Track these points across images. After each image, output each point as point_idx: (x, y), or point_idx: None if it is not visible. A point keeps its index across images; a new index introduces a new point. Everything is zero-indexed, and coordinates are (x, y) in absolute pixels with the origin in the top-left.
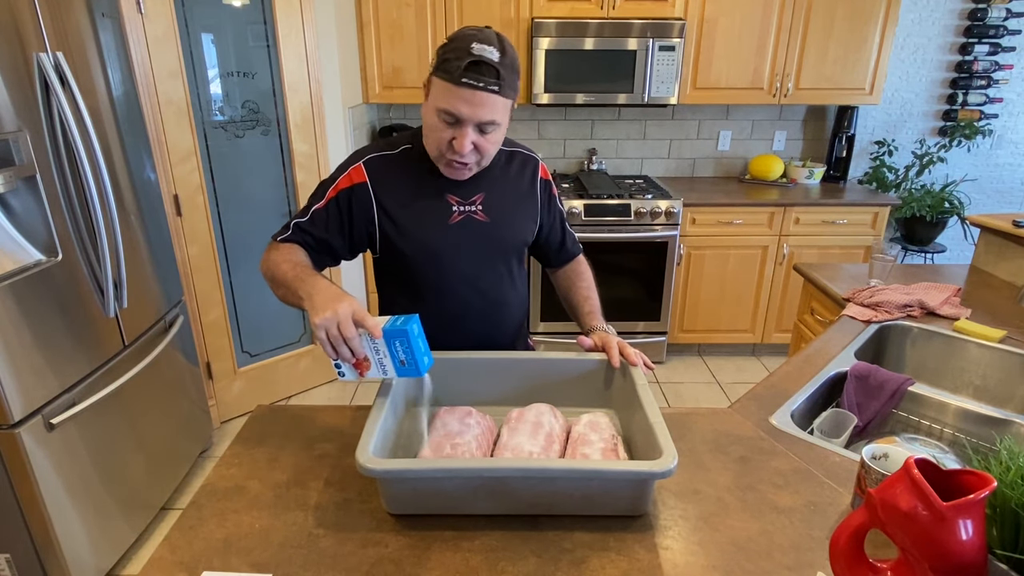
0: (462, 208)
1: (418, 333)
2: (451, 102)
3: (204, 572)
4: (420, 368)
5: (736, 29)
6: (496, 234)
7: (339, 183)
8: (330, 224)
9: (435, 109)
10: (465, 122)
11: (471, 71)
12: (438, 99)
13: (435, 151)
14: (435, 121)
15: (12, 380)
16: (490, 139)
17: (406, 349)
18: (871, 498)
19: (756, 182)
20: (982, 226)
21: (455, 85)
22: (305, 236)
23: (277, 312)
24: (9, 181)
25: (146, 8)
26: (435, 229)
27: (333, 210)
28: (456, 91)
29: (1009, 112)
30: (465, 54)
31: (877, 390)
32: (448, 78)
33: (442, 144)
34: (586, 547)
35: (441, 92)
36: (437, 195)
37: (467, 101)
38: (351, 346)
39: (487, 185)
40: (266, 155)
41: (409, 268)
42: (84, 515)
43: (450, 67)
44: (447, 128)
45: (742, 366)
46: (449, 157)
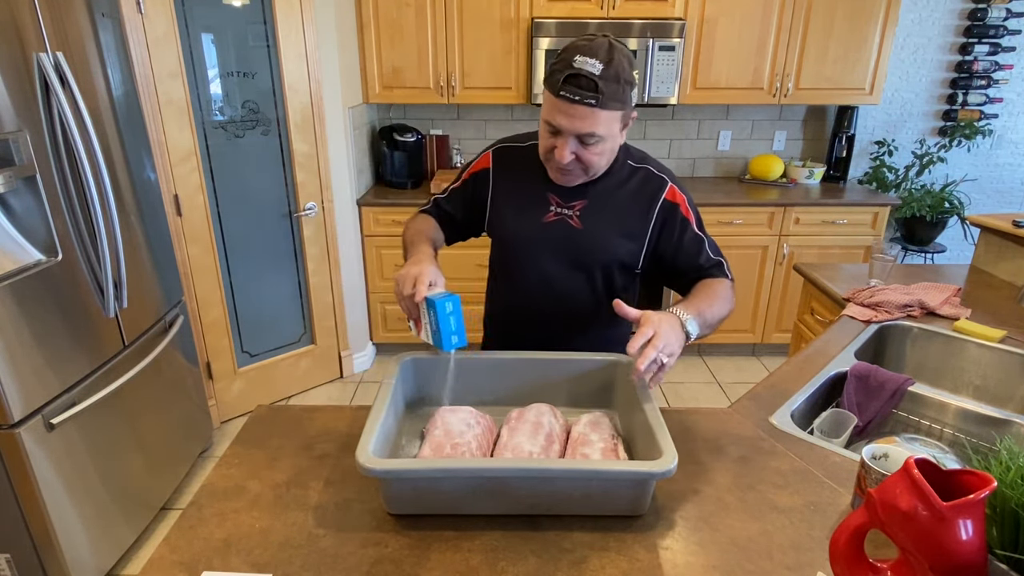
0: (559, 210)
1: (450, 311)
2: (551, 114)
3: (204, 572)
4: (444, 343)
5: (736, 29)
6: (585, 244)
7: (473, 166)
8: (459, 202)
9: (542, 119)
10: (565, 133)
11: (569, 84)
12: (544, 110)
13: (542, 156)
14: (542, 130)
15: (12, 380)
16: (593, 151)
17: (435, 321)
18: (871, 498)
19: (756, 182)
20: (982, 226)
21: (555, 97)
22: (438, 210)
23: (277, 312)
24: (9, 181)
25: (146, 8)
26: (527, 222)
27: (462, 190)
28: (556, 103)
29: (1009, 112)
30: (567, 67)
31: (877, 390)
32: (550, 90)
33: (546, 151)
34: (586, 547)
35: (546, 103)
36: (541, 191)
37: (565, 113)
38: (406, 303)
39: (593, 194)
40: (266, 155)
41: (501, 251)
42: (84, 515)
43: (552, 80)
44: (550, 137)
45: (742, 366)
46: (553, 165)
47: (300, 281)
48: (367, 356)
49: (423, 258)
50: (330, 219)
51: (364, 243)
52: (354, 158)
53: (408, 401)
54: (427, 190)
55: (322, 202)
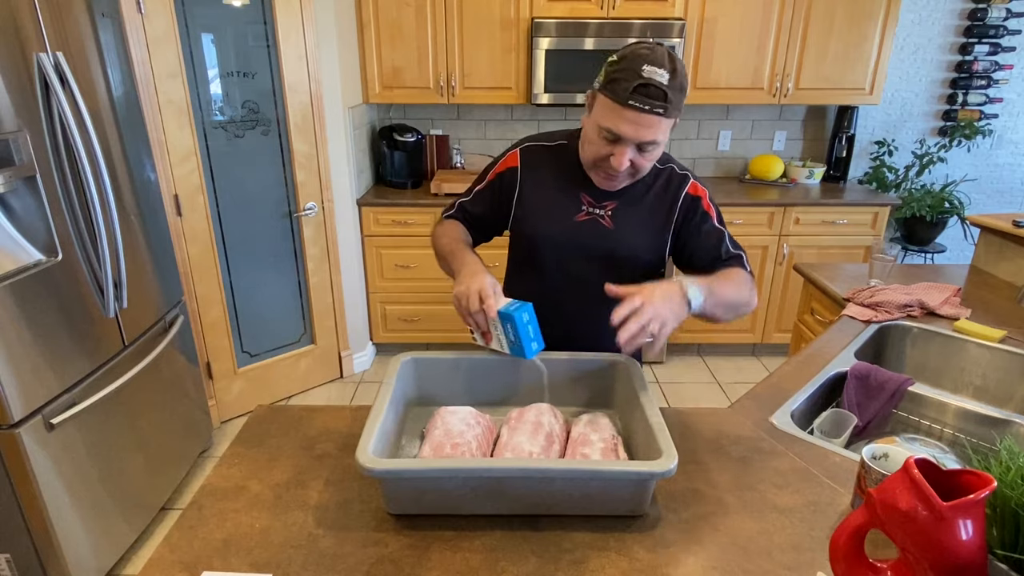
0: (591, 209)
1: (528, 320)
2: (615, 122)
3: (204, 572)
4: (526, 352)
5: (736, 29)
6: (616, 244)
7: (498, 166)
8: (485, 203)
9: (597, 125)
10: (626, 142)
11: (639, 94)
12: (602, 117)
13: (590, 162)
14: (595, 136)
15: (12, 380)
16: (647, 157)
17: (514, 332)
18: (871, 498)
19: (756, 182)
20: (982, 226)
21: (621, 106)
22: (465, 213)
23: (277, 312)
24: (9, 181)
25: (146, 8)
26: (558, 221)
27: (489, 191)
28: (621, 112)
29: (1009, 112)
30: (635, 76)
31: (877, 390)
32: (615, 98)
33: (598, 158)
34: (586, 547)
35: (606, 110)
36: (572, 190)
37: (632, 122)
38: (474, 319)
39: (624, 196)
40: (266, 155)
41: (529, 252)
42: (84, 515)
43: (618, 88)
44: (606, 144)
45: (742, 366)
46: (605, 171)
47: (300, 281)
48: (367, 356)
49: (477, 270)
50: (330, 219)
51: (364, 243)
52: (354, 158)
53: (408, 401)
54: (427, 190)
55: (322, 202)
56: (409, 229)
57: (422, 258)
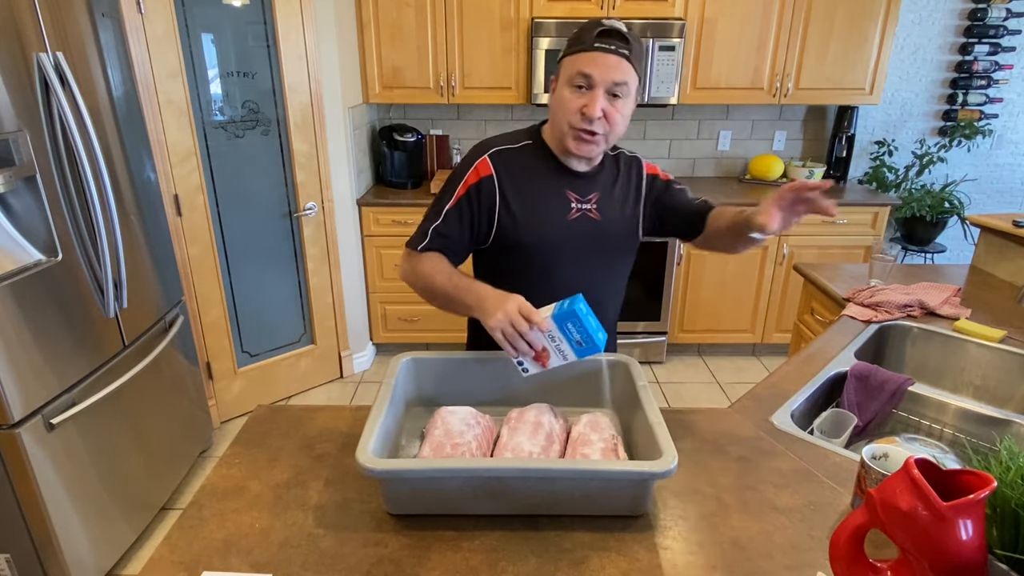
0: (580, 206)
1: (587, 311)
2: (584, 66)
3: (204, 572)
4: (598, 344)
5: (736, 29)
6: (605, 234)
7: (467, 179)
8: (463, 221)
9: (566, 81)
10: (597, 85)
11: (602, 37)
12: (570, 70)
13: (564, 125)
14: (566, 94)
15: (12, 380)
16: (619, 108)
17: (579, 329)
18: (871, 498)
19: (756, 182)
20: (982, 226)
21: (588, 51)
22: (443, 239)
23: (277, 312)
24: (9, 181)
25: (146, 8)
26: (554, 224)
27: (464, 207)
28: (589, 56)
29: (1009, 112)
30: (596, 26)
31: (877, 390)
32: (581, 48)
33: (572, 114)
34: (586, 547)
35: (571, 66)
36: (558, 191)
37: (600, 64)
38: (528, 339)
39: (601, 185)
40: (266, 155)
41: (521, 261)
42: (84, 515)
43: (583, 39)
44: (579, 96)
45: (742, 366)
46: (579, 127)
47: (300, 281)
48: (367, 356)
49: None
50: (330, 219)
51: (364, 243)
52: (354, 158)
53: (408, 401)
54: (427, 190)
55: (322, 202)
56: (409, 229)
57: None
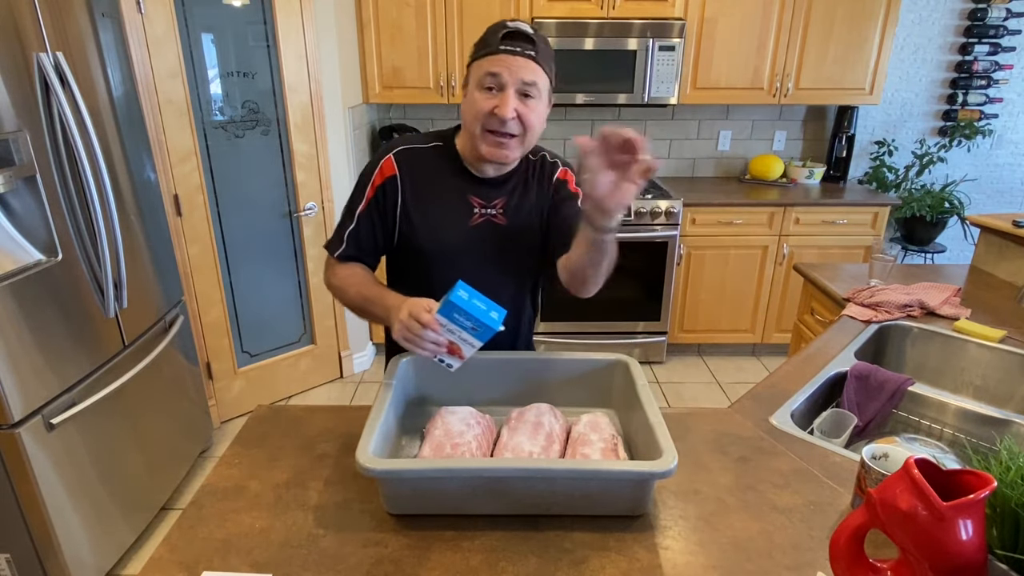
0: (483, 211)
1: (468, 297)
2: (492, 66)
3: (204, 572)
4: (491, 324)
5: (736, 29)
6: (512, 238)
7: (374, 179)
8: (373, 223)
9: (476, 84)
10: (507, 86)
11: (508, 39)
12: (478, 73)
13: (476, 128)
14: (478, 96)
15: (12, 380)
16: (532, 108)
17: (467, 316)
18: (871, 498)
19: (756, 182)
20: (982, 226)
21: (494, 54)
22: (358, 244)
23: (277, 312)
24: (9, 181)
25: (146, 8)
26: (454, 229)
27: (374, 208)
28: (497, 58)
29: (1009, 112)
30: (501, 28)
31: (877, 390)
32: (488, 51)
33: (483, 115)
34: (586, 547)
35: (479, 69)
36: (460, 195)
37: (507, 64)
38: (430, 339)
39: (510, 190)
40: (266, 155)
41: (422, 266)
42: (84, 515)
43: (488, 42)
44: (489, 98)
45: (742, 366)
46: (491, 130)
47: (300, 281)
48: (367, 356)
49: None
50: (330, 219)
51: None
52: (354, 158)
53: (408, 401)
54: None
55: (322, 202)
56: None
57: None
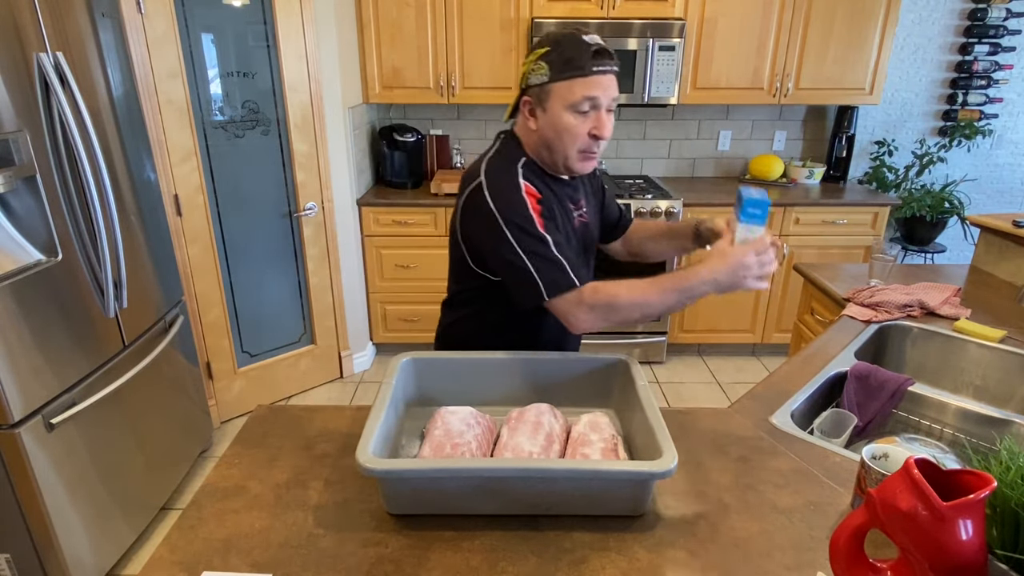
0: (578, 212)
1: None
2: (589, 89)
3: (204, 572)
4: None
5: (736, 29)
6: (592, 233)
7: (532, 207)
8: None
9: (568, 107)
10: (601, 106)
11: (598, 59)
12: (571, 95)
13: (571, 149)
14: (570, 120)
15: (12, 380)
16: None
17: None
18: (871, 498)
19: (756, 182)
20: (982, 226)
21: (587, 76)
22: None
23: (277, 312)
24: (9, 181)
25: (146, 8)
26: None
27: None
28: (592, 80)
29: (1009, 112)
30: (584, 47)
31: (877, 390)
32: (579, 74)
33: (580, 138)
34: (586, 547)
35: (572, 89)
36: (561, 202)
37: (603, 86)
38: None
39: (582, 188)
40: (266, 155)
41: None
42: (84, 515)
43: (578, 63)
44: (585, 120)
45: (742, 366)
46: (589, 150)
47: (300, 281)
48: (367, 356)
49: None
50: (330, 219)
51: (364, 243)
52: (354, 158)
53: (408, 401)
54: (427, 190)
55: (322, 202)
56: (409, 229)
57: (422, 258)
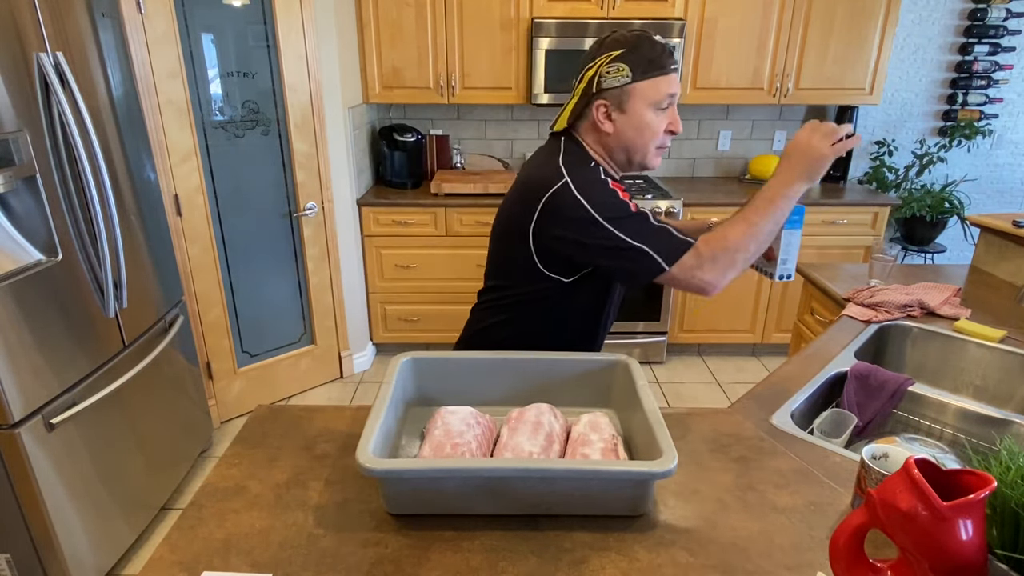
0: None
1: None
2: (670, 87)
3: (204, 572)
4: None
5: (736, 29)
6: None
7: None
8: None
9: (651, 105)
10: (674, 104)
11: (671, 57)
12: (654, 93)
13: (651, 146)
14: (652, 117)
15: (12, 380)
16: None
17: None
18: (871, 498)
19: (756, 182)
20: (982, 226)
21: (666, 74)
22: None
23: (277, 312)
24: (9, 181)
25: (146, 8)
26: None
27: None
28: (668, 78)
29: (1009, 112)
30: (659, 47)
31: (877, 390)
32: (660, 72)
33: (659, 134)
34: (586, 547)
35: (655, 87)
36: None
37: (676, 82)
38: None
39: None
40: (266, 155)
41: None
42: (84, 515)
43: (660, 62)
44: (663, 117)
45: (742, 366)
46: (664, 145)
47: (300, 281)
48: (367, 356)
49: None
50: (330, 219)
51: (364, 243)
52: (354, 158)
53: (408, 401)
54: (427, 190)
55: (322, 202)
56: (409, 229)
57: (422, 258)
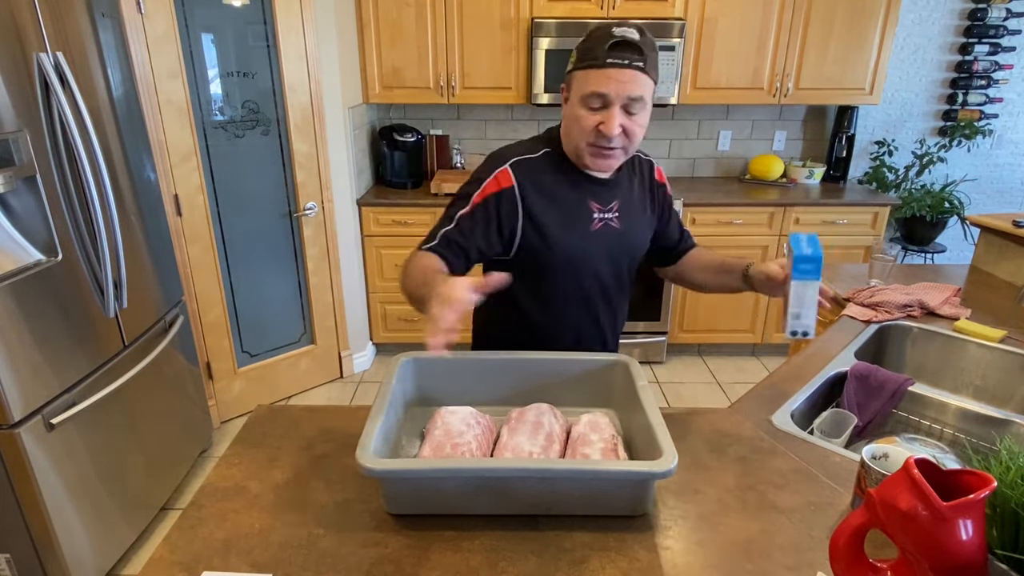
0: (602, 215)
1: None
2: (598, 84)
3: (204, 572)
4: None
5: (736, 29)
6: (626, 242)
7: (485, 187)
8: (476, 229)
9: (580, 99)
10: (612, 103)
11: (615, 51)
12: (583, 87)
13: (581, 142)
14: (580, 111)
15: (12, 380)
16: (636, 121)
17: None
18: (871, 498)
19: (756, 182)
20: (982, 226)
21: (600, 68)
22: (448, 245)
23: (277, 312)
24: (9, 181)
25: (146, 8)
26: (579, 236)
27: (480, 215)
28: (601, 73)
29: (1009, 112)
30: (608, 37)
31: (877, 390)
32: (593, 64)
33: (587, 132)
34: (586, 547)
35: (587, 80)
36: (580, 201)
37: (615, 80)
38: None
39: (620, 193)
40: (266, 155)
41: (545, 275)
42: (84, 515)
43: (593, 54)
44: (593, 114)
45: (742, 366)
46: (596, 144)
47: (300, 281)
48: (367, 356)
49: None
50: (330, 219)
51: (364, 243)
52: (354, 158)
53: (408, 401)
54: (427, 190)
55: (322, 202)
56: (409, 229)
57: None
